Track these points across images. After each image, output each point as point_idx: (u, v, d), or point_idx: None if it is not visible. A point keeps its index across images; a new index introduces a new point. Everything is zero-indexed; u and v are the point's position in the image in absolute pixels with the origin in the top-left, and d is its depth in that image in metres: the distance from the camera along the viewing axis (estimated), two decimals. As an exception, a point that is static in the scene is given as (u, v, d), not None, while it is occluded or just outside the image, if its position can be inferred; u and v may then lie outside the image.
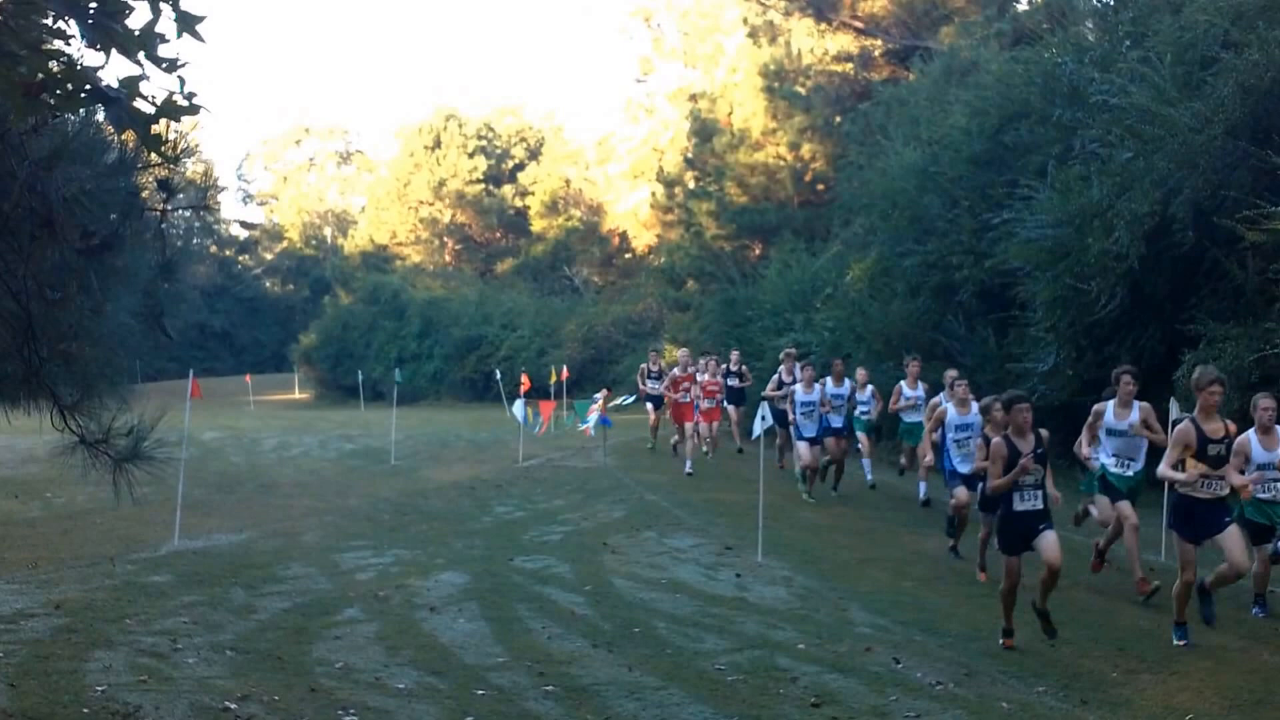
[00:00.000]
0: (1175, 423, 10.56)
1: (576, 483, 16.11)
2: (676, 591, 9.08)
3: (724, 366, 18.60)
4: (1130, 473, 9.39)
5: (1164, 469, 7.78)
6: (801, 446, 14.14)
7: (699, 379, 17.58)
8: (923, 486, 13.70)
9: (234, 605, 8.18)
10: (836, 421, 14.28)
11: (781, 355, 16.82)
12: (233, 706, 5.57)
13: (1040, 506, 7.49)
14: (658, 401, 19.60)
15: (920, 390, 14.16)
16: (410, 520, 12.93)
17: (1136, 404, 9.41)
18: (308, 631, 7.46)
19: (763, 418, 11.32)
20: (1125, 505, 9.20)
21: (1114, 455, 9.41)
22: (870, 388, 15.12)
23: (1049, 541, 7.41)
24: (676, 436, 18.12)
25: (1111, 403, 9.51)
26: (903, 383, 14.42)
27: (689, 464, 16.67)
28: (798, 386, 14.23)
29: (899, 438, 15.09)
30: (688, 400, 17.33)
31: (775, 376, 16.07)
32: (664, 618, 8.16)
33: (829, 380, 14.48)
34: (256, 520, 12.77)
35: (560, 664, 6.86)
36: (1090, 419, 9.74)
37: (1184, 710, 6.25)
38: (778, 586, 9.39)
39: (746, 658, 7.08)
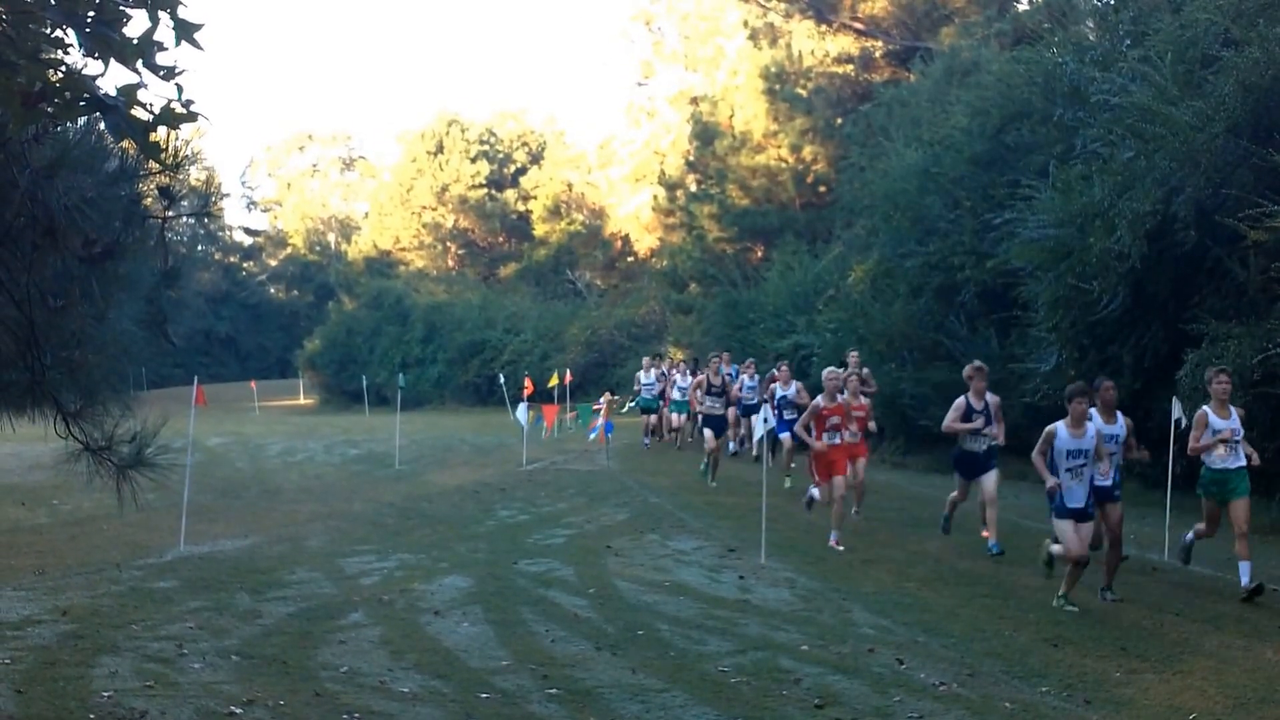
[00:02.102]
0: (1177, 422, 10.59)
1: (580, 486, 16.14)
2: (680, 594, 9.09)
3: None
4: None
5: None
6: (1065, 527, 8.71)
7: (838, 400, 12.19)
8: (1245, 569, 8.96)
9: (239, 610, 8.20)
10: (1104, 479, 9.10)
11: (968, 372, 11.16)
12: (238, 711, 5.59)
13: None
14: (719, 426, 16.46)
15: (1235, 419, 9.30)
16: (414, 524, 12.95)
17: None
18: (312, 636, 7.47)
19: (765, 419, 11.26)
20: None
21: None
22: (1122, 419, 9.72)
23: None
24: (814, 490, 12.08)
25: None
26: (1207, 408, 9.39)
27: (835, 535, 11.34)
28: (1060, 425, 8.81)
29: (1199, 493, 9.60)
30: (839, 441, 11.77)
31: (961, 402, 11.08)
32: (667, 620, 8.17)
33: (1094, 413, 9.22)
34: (261, 525, 12.80)
35: (564, 667, 6.87)
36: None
37: (1187, 710, 6.24)
38: (780, 588, 9.40)
39: (750, 659, 7.08)
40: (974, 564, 10.57)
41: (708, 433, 16.57)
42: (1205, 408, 9.44)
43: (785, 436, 15.59)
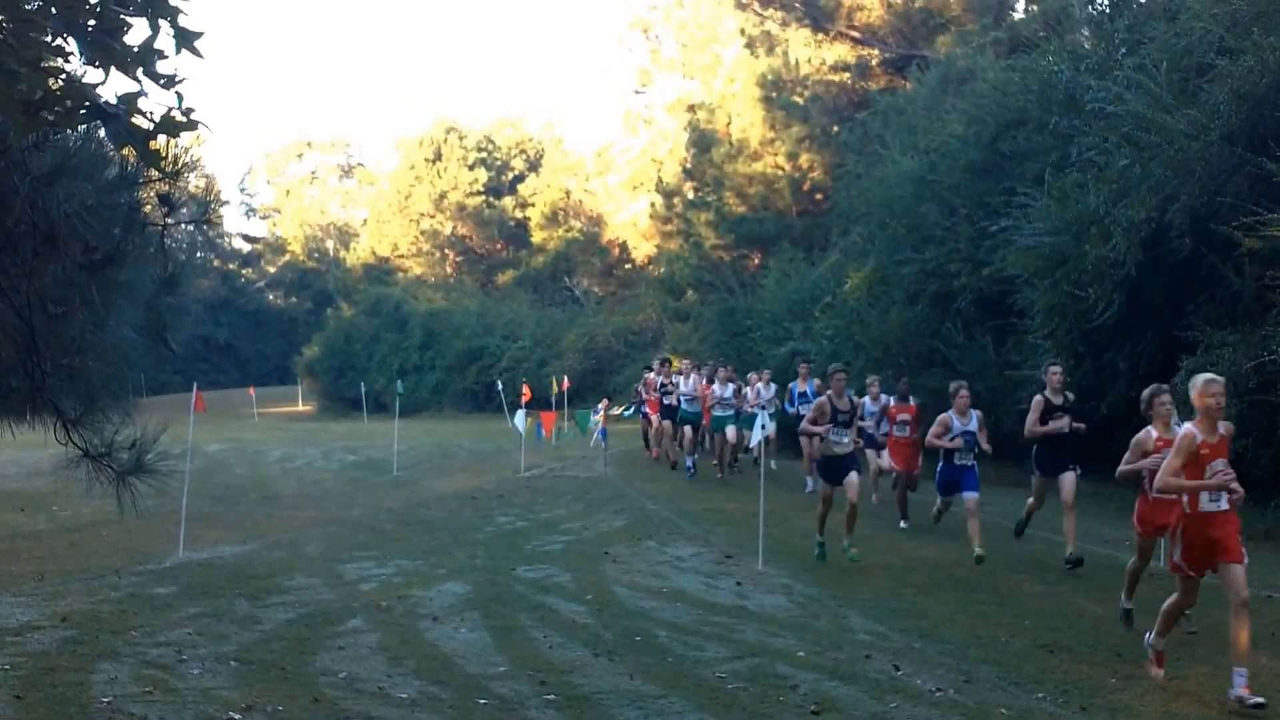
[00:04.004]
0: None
1: (578, 492, 16.15)
2: (677, 600, 9.11)
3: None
4: None
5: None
6: None
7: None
8: None
9: (238, 616, 8.21)
10: None
11: None
12: (237, 717, 5.60)
13: None
14: (841, 470, 10.75)
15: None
16: (412, 531, 12.96)
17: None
18: (311, 642, 7.48)
19: (763, 425, 11.27)
20: None
21: None
22: None
23: None
24: (1173, 601, 6.93)
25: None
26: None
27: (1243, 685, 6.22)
28: None
29: None
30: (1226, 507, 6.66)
31: None
32: (665, 626, 8.18)
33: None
34: (260, 532, 12.80)
35: (562, 673, 6.88)
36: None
37: (1183, 716, 6.25)
38: (777, 594, 9.41)
39: (747, 665, 7.10)
40: (970, 570, 10.57)
41: (851, 477, 10.75)
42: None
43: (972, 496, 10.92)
